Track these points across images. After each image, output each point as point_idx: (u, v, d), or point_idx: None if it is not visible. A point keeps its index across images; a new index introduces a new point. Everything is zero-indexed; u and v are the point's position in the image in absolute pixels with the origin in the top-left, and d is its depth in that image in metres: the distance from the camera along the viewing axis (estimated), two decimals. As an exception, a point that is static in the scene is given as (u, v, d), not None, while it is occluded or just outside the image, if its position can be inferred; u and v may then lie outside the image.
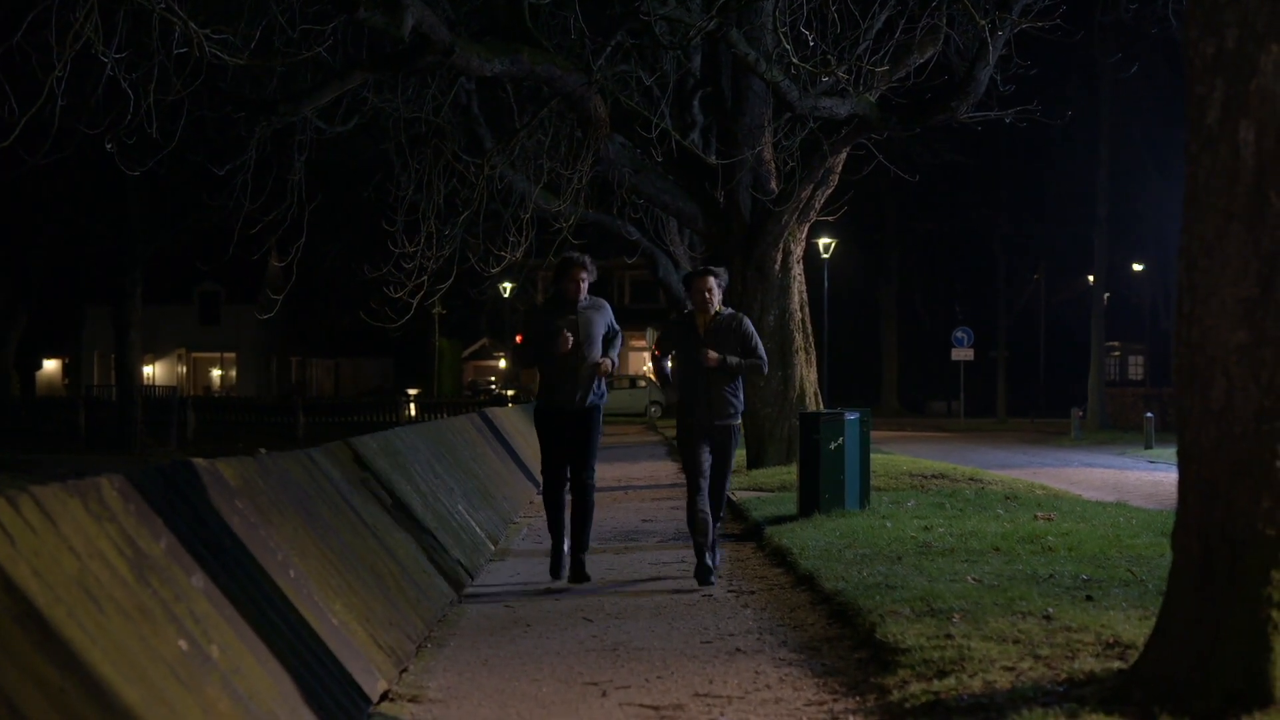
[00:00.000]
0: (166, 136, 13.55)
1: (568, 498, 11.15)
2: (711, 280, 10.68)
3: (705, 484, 10.66)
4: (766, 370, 11.06)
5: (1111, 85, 49.90)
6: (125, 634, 4.69)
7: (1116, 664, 6.40)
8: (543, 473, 11.28)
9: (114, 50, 10.36)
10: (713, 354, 10.48)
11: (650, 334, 68.03)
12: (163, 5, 9.89)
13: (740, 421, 10.82)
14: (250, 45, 13.89)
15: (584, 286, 10.94)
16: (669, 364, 10.99)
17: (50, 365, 71.80)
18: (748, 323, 10.76)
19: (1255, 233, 5.41)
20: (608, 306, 11.19)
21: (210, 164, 17.92)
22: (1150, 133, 52.77)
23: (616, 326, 11.19)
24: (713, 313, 10.65)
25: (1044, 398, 68.15)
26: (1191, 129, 5.60)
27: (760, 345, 10.74)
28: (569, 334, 10.75)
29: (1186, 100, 5.63)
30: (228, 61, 11.13)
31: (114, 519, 5.15)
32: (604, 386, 11.08)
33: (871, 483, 14.59)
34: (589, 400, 10.97)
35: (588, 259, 11.03)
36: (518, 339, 11.25)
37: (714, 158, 20.51)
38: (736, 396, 10.70)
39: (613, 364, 10.99)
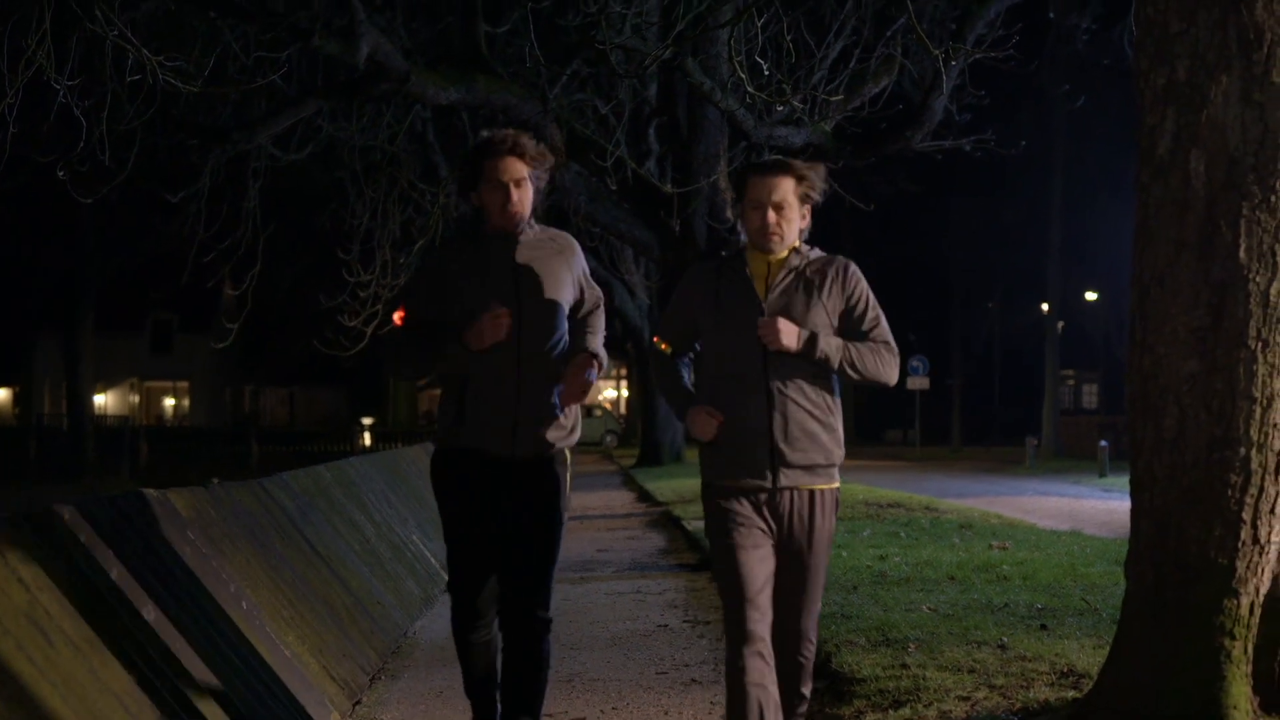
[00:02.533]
0: (119, 164, 13.47)
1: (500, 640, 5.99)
2: (789, 183, 5.46)
3: (765, 617, 5.33)
4: (897, 370, 5.69)
5: (1065, 115, 50.25)
6: (75, 667, 4.64)
7: (1071, 693, 6.41)
8: (450, 590, 6.07)
9: (66, 77, 10.30)
10: (785, 326, 5.36)
11: (607, 362, 67.80)
12: (116, 33, 9.84)
13: (838, 479, 5.59)
14: (204, 73, 13.85)
15: (528, 195, 5.77)
16: (687, 371, 5.77)
17: (0, 394, 71.21)
18: (858, 276, 5.58)
19: (1206, 262, 5.44)
20: (577, 247, 6.03)
21: (163, 191, 17.83)
22: (1103, 162, 53.14)
23: (595, 287, 6.14)
24: (785, 252, 5.53)
25: (999, 426, 68.39)
26: (1143, 159, 5.64)
27: (884, 319, 5.62)
28: (501, 306, 5.63)
29: (1138, 130, 5.66)
30: (181, 89, 11.09)
31: (64, 550, 5.10)
32: (575, 414, 5.97)
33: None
34: (545, 439, 5.77)
35: (531, 138, 5.85)
36: (397, 318, 6.07)
37: (670, 186, 20.51)
38: (830, 423, 5.49)
39: (599, 363, 5.95)
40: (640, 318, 34.77)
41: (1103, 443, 36.34)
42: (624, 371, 66.73)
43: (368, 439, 49.71)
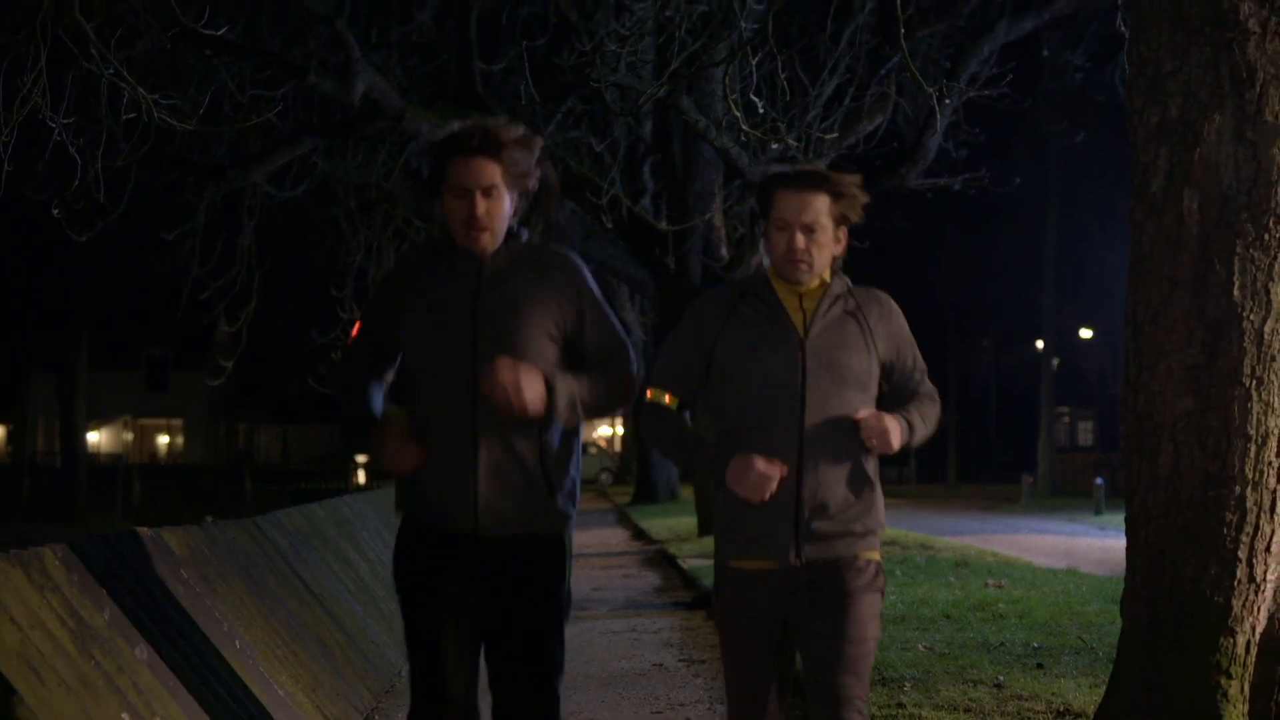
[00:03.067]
0: (114, 201, 13.48)
1: None
2: (823, 201, 4.55)
3: None
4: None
5: (1059, 152, 50.39)
6: (68, 706, 4.62)
7: (1067, 731, 6.39)
8: (413, 706, 4.59)
9: (62, 115, 10.32)
10: (891, 422, 4.52)
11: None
12: (112, 71, 9.87)
13: (878, 548, 4.62)
14: (200, 110, 13.86)
15: (501, 207, 4.49)
16: (690, 430, 4.69)
17: (-4, 430, 71.13)
18: (901, 316, 4.76)
19: (1200, 300, 5.44)
20: (576, 270, 4.61)
21: (158, 229, 17.85)
22: (1098, 198, 53.28)
23: (617, 331, 4.68)
24: (816, 281, 4.62)
25: (995, 463, 68.36)
26: (1136, 196, 5.64)
27: (923, 363, 4.82)
28: (499, 363, 4.32)
29: (1131, 168, 5.67)
30: (177, 127, 11.10)
31: (57, 589, 5.08)
32: (573, 482, 4.60)
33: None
34: (525, 514, 4.50)
35: (513, 129, 4.61)
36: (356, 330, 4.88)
37: (665, 224, 20.56)
38: (868, 487, 4.58)
39: (551, 400, 4.41)
40: (636, 355, 34.77)
41: (1099, 480, 36.30)
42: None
43: (362, 476, 49.61)
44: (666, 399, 4.67)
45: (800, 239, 4.53)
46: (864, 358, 4.56)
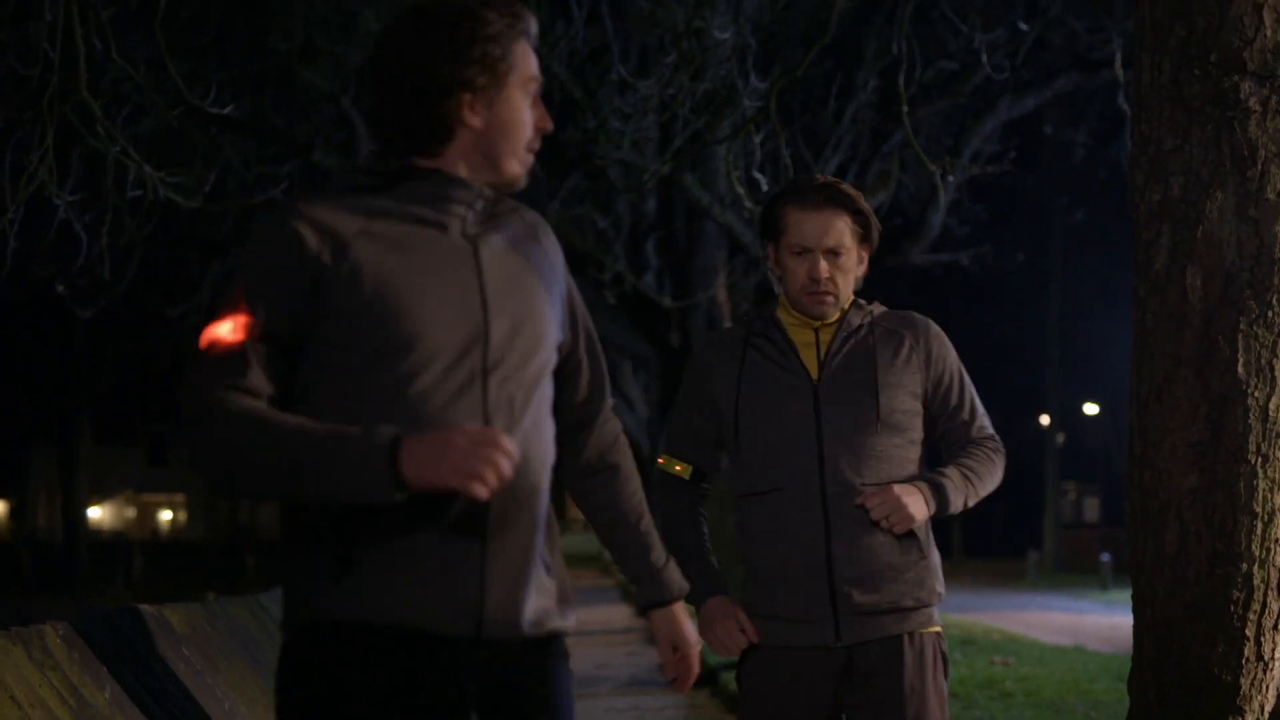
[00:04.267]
0: (118, 277, 13.52)
1: None
2: (844, 221, 3.96)
3: None
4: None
5: (1061, 228, 50.57)
6: (65, 786, 4.58)
7: (1075, 812, 6.33)
8: None
9: (68, 192, 10.37)
10: (907, 494, 3.93)
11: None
12: (118, 148, 9.92)
13: (938, 620, 4.36)
14: (205, 188, 13.95)
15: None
16: (692, 531, 4.11)
17: (-3, 506, 71.05)
18: (945, 341, 4.24)
19: (1204, 377, 5.44)
20: (554, 239, 3.21)
21: (162, 305, 17.88)
22: (1100, 275, 53.43)
23: (588, 320, 3.22)
24: (837, 314, 4.04)
25: (1000, 538, 68.15)
26: (1139, 274, 5.65)
27: (980, 404, 4.26)
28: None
29: (1134, 245, 5.68)
30: (182, 204, 11.16)
31: (57, 667, 5.05)
32: (562, 569, 3.18)
33: (827, 626, 14.47)
34: (540, 608, 3.05)
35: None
36: (223, 332, 2.69)
37: (668, 300, 20.62)
38: (915, 547, 4.08)
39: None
40: (639, 431, 34.75)
41: (1105, 556, 36.20)
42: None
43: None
44: (678, 468, 4.05)
45: (824, 266, 3.90)
46: (894, 395, 3.93)
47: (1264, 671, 5.40)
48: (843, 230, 3.95)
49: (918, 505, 3.88)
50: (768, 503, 3.90)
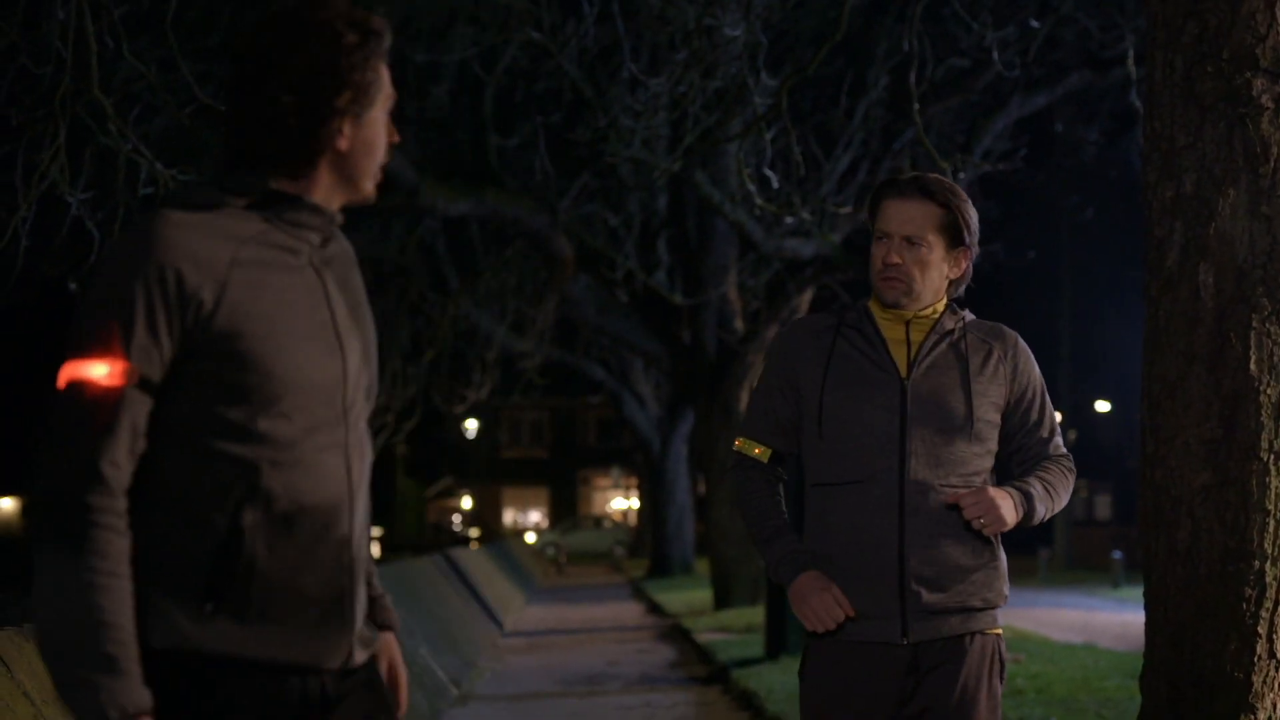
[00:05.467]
0: (131, 276, 13.50)
1: None
2: (928, 210, 3.91)
3: None
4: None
5: (1072, 226, 50.48)
6: (77, 784, 4.59)
7: (1087, 810, 6.32)
8: None
9: (79, 190, 10.39)
10: (1002, 497, 3.89)
11: (616, 472, 67.34)
12: (130, 146, 9.94)
13: (1000, 623, 3.99)
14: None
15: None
16: (773, 506, 4.05)
17: (6, 503, 71.11)
18: (1031, 358, 4.15)
19: (1216, 374, 5.43)
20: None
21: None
22: (1112, 273, 53.35)
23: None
24: (930, 309, 3.99)
25: (1011, 536, 67.96)
26: (1151, 271, 5.64)
27: (1056, 423, 4.19)
28: None
29: (1146, 243, 5.67)
30: (194, 202, 11.13)
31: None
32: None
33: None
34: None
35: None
36: (96, 375, 2.49)
37: (679, 297, 20.62)
38: (987, 551, 3.97)
39: None
40: (650, 428, 34.76)
41: (1116, 554, 36.10)
42: (634, 482, 66.57)
43: (376, 550, 49.53)
44: (756, 451, 4.03)
45: (894, 252, 3.91)
46: (979, 403, 3.93)
47: (1276, 669, 5.39)
48: (924, 220, 3.90)
49: (1009, 509, 3.87)
50: (844, 495, 3.88)
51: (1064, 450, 4.10)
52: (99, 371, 2.50)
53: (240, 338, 2.52)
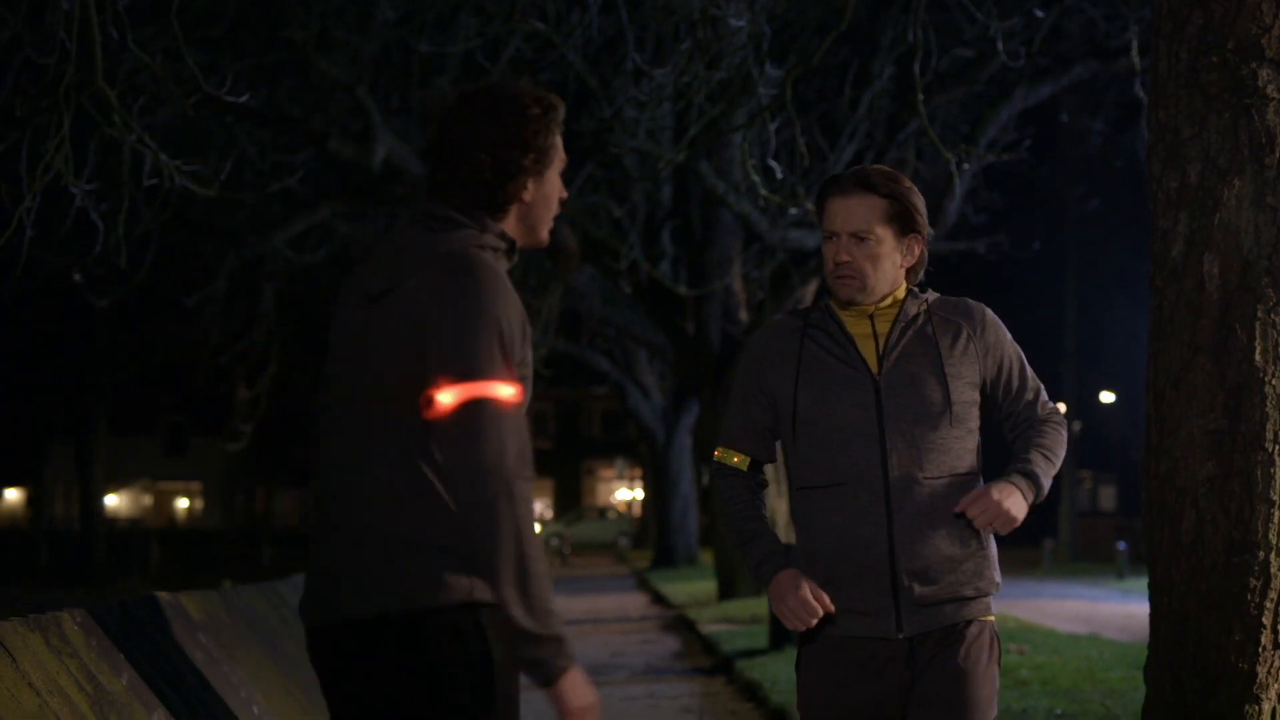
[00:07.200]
0: (135, 267, 13.54)
1: None
2: (872, 204, 3.90)
3: None
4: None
5: (1077, 217, 50.45)
6: (82, 774, 4.59)
7: (1091, 800, 6.32)
8: None
9: (84, 181, 10.39)
10: (1008, 494, 3.88)
11: (620, 463, 67.33)
12: (135, 137, 9.94)
13: (993, 610, 3.98)
14: (221, 177, 13.98)
15: None
16: (751, 513, 4.05)
17: (12, 495, 71.20)
18: (1001, 327, 4.13)
19: (1221, 365, 5.42)
20: None
21: (179, 294, 17.93)
22: (1117, 264, 53.29)
23: None
24: (890, 299, 3.99)
25: (1015, 527, 68.00)
26: (1156, 262, 5.64)
27: (1038, 380, 4.12)
28: None
29: (1151, 234, 5.67)
30: (198, 193, 11.18)
31: (75, 654, 5.06)
32: None
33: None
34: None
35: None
36: None
37: (684, 288, 20.61)
38: (976, 540, 3.91)
39: None
40: (655, 419, 34.76)
41: (1121, 544, 36.12)
42: (639, 473, 66.58)
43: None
44: (735, 460, 4.04)
45: (844, 250, 3.91)
46: (955, 386, 3.91)
47: (1281, 660, 5.39)
48: (868, 214, 3.90)
49: (1017, 504, 3.87)
50: (829, 497, 3.89)
51: (1052, 406, 4.08)
52: (506, 391, 3.21)
53: None
